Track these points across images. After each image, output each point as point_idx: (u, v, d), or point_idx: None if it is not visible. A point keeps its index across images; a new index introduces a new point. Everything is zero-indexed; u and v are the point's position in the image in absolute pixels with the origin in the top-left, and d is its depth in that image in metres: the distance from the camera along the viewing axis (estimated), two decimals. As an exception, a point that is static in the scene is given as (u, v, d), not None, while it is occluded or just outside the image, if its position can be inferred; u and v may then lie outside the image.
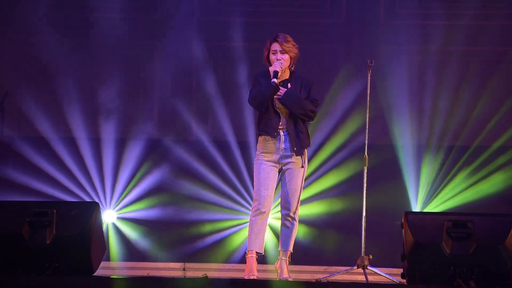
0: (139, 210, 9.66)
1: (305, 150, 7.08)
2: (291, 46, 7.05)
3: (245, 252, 7.06)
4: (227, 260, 9.49)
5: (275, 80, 6.96)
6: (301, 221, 7.20)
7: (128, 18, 9.90)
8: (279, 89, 7.02)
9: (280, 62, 7.01)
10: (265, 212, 6.98)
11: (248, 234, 7.01)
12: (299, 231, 7.10)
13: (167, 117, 9.84)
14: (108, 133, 9.70)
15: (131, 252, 9.58)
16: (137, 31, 9.92)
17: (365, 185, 7.93)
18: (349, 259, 8.33)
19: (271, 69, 7.00)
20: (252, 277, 6.88)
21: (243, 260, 9.35)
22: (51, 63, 9.74)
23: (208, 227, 9.62)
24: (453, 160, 9.57)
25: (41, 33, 9.69)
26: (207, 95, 9.81)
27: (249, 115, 9.64)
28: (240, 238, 9.59)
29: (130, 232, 9.64)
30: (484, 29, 9.66)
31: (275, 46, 7.05)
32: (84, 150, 9.66)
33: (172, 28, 9.88)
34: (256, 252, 7.01)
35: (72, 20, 9.87)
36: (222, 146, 9.68)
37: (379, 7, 9.90)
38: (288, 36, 7.08)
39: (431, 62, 9.72)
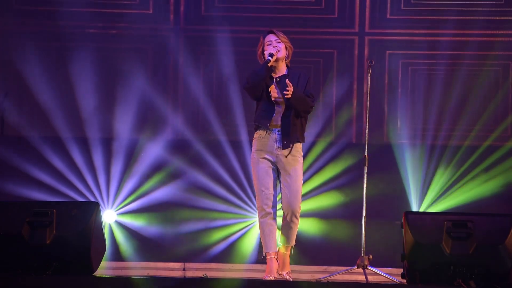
0: (139, 210, 9.65)
1: (300, 146, 7.00)
2: (286, 38, 6.99)
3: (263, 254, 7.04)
4: (227, 260, 9.49)
5: (270, 58, 6.85)
6: (302, 221, 7.19)
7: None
8: (273, 70, 6.93)
9: (276, 48, 6.92)
10: (270, 211, 6.96)
11: (261, 237, 7.00)
12: (299, 231, 7.10)
13: (170, 117, 9.83)
14: (110, 132, 9.69)
15: (131, 252, 9.57)
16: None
17: (365, 185, 7.92)
18: (349, 259, 8.32)
19: (266, 52, 6.90)
20: (268, 278, 6.88)
21: (243, 260, 9.39)
22: (51, 59, 9.76)
23: (208, 227, 9.61)
24: (454, 160, 9.56)
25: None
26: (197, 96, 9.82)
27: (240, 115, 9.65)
28: (240, 237, 9.59)
29: (130, 232, 9.63)
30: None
31: (270, 37, 6.97)
32: (85, 149, 9.65)
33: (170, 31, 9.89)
34: (274, 253, 7.00)
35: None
36: (223, 145, 9.68)
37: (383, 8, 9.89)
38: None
39: (432, 62, 9.71)
